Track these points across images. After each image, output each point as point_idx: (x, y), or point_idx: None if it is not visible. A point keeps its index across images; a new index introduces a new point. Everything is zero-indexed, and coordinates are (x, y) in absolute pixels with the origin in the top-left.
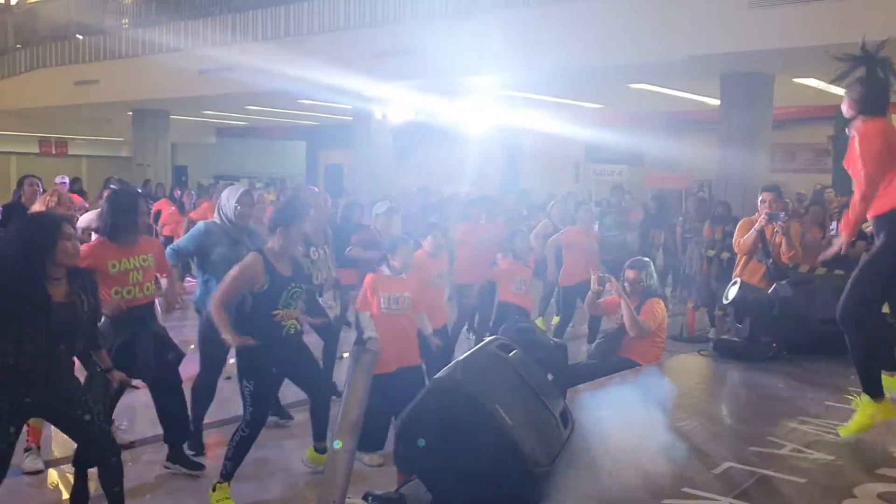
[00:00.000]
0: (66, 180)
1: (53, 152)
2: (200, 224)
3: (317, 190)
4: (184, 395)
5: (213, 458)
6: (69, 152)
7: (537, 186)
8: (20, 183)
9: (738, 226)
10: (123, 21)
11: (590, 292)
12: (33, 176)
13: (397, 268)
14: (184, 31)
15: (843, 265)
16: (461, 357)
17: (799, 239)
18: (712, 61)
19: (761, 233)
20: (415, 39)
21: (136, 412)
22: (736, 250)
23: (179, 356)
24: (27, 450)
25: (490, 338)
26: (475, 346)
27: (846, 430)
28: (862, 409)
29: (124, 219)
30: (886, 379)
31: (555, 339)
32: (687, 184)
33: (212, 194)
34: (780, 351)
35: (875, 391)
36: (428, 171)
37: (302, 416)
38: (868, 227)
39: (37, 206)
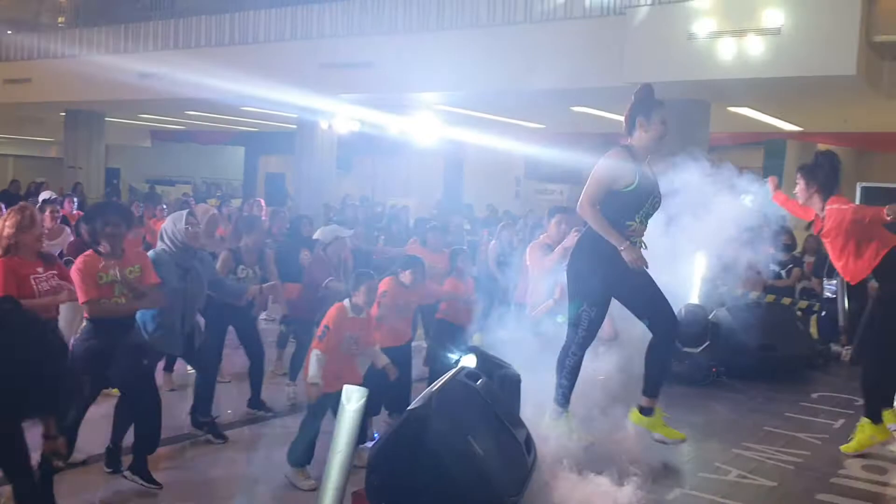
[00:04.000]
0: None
1: None
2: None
3: (263, 204)
4: (159, 405)
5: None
6: None
7: (479, 199)
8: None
9: (528, 249)
10: (59, 19)
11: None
12: None
13: (360, 305)
14: (124, 33)
15: (790, 294)
16: (434, 387)
17: None
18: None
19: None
20: (361, 54)
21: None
22: (534, 273)
23: (154, 361)
24: None
25: (458, 367)
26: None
27: (848, 447)
28: (861, 430)
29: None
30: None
31: (511, 371)
32: None
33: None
34: (718, 375)
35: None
36: (371, 182)
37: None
38: None
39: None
